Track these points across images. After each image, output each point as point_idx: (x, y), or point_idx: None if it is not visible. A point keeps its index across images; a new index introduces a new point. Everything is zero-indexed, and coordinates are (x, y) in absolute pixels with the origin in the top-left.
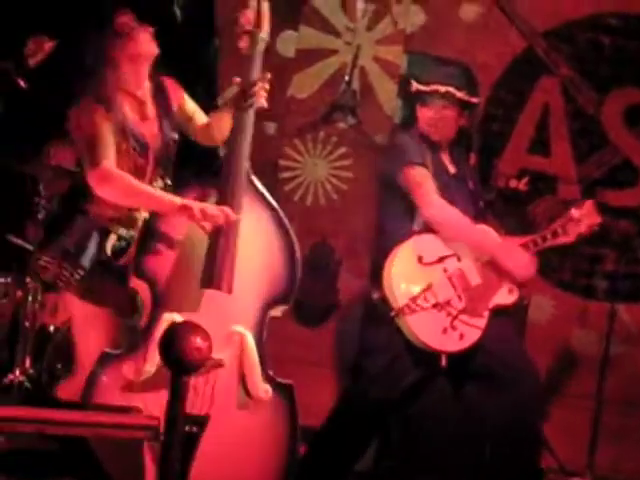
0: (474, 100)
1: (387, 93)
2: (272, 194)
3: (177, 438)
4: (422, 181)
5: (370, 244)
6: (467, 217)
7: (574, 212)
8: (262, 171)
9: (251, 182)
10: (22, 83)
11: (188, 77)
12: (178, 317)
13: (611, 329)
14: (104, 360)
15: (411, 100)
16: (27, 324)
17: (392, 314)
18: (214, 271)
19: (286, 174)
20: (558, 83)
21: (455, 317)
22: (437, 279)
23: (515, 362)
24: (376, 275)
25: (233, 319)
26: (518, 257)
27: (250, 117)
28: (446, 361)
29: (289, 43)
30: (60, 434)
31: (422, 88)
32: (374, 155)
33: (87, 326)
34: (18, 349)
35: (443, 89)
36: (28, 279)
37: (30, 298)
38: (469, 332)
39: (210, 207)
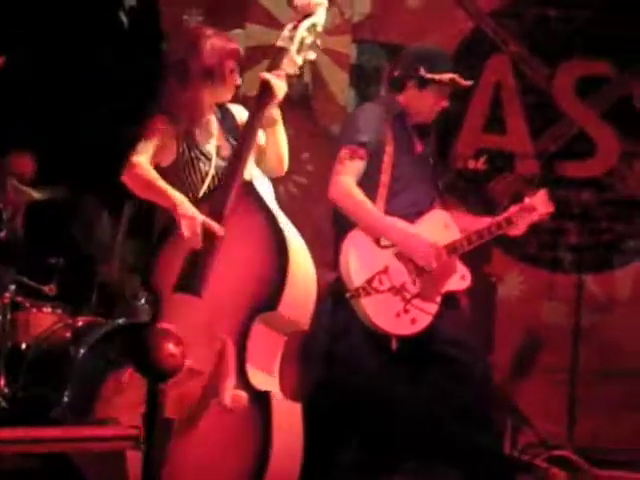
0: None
1: (339, 83)
2: None
3: (158, 444)
4: (344, 161)
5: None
6: (419, 199)
7: (527, 200)
8: None
9: (251, 188)
10: None
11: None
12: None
13: (580, 300)
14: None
15: (365, 83)
16: None
17: (347, 295)
18: (188, 275)
19: None
20: (508, 60)
21: (408, 301)
22: (393, 263)
23: (466, 345)
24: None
25: (216, 324)
26: (419, 248)
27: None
28: (397, 345)
29: (237, 41)
30: (42, 452)
31: (436, 77)
32: (331, 146)
33: None
34: None
35: (453, 78)
36: None
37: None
38: (420, 317)
39: (197, 217)
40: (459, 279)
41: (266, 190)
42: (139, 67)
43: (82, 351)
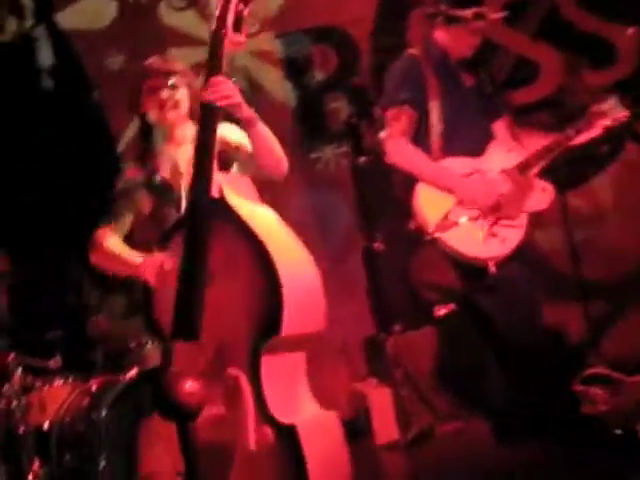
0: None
1: (274, 81)
2: None
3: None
4: (391, 123)
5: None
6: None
7: (595, 108)
8: None
9: (222, 204)
10: None
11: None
12: None
13: (567, 219)
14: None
15: (299, 73)
16: (21, 430)
17: (427, 238)
18: (180, 321)
19: None
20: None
21: (493, 224)
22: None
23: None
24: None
25: (224, 362)
26: (477, 189)
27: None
28: (495, 267)
29: None
30: None
31: (459, 13)
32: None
33: None
34: (23, 457)
35: (478, 12)
36: (5, 387)
37: (14, 403)
38: (510, 234)
39: (152, 262)
40: (540, 194)
41: (244, 189)
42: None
43: (104, 413)
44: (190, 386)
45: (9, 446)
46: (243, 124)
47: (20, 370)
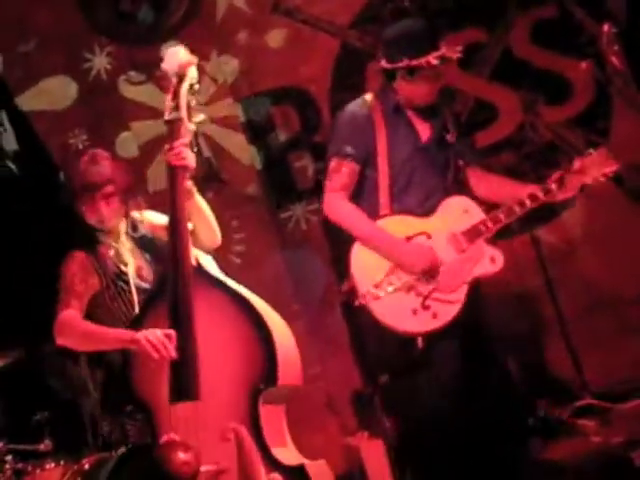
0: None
1: (238, 145)
2: None
3: None
4: (331, 175)
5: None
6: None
7: (576, 163)
8: None
9: (202, 272)
10: None
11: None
12: None
13: (541, 255)
14: None
15: (262, 135)
16: None
17: (356, 303)
18: (178, 382)
19: None
20: None
21: (426, 296)
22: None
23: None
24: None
25: (222, 420)
26: (413, 255)
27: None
28: (423, 343)
29: (128, 143)
30: None
31: (422, 62)
32: (253, 206)
33: None
34: None
35: (440, 56)
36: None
37: None
38: (444, 309)
39: (153, 334)
40: (488, 263)
41: (212, 265)
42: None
43: None
44: (183, 456)
45: None
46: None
47: (11, 457)
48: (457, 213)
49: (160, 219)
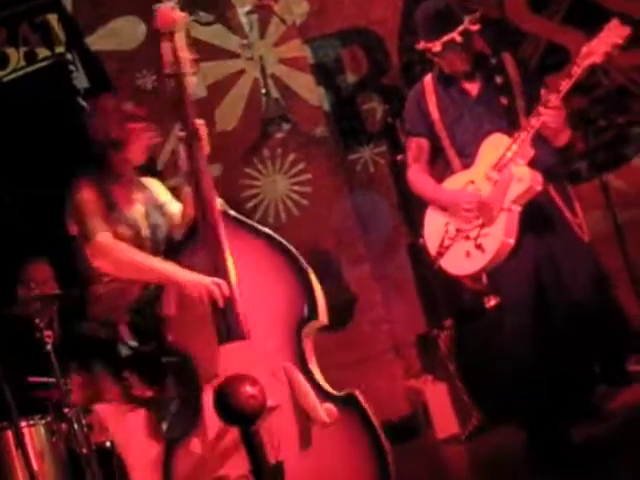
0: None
1: (306, 87)
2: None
3: None
4: (407, 153)
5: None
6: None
7: (584, 49)
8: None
9: (230, 218)
10: None
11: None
12: None
13: (610, 201)
14: (170, 450)
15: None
16: (85, 450)
17: (435, 268)
18: (225, 324)
19: (250, 203)
20: None
21: (477, 237)
22: (450, 217)
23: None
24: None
25: (271, 358)
26: (456, 196)
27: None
28: (487, 279)
29: (197, 84)
30: None
31: (430, 47)
32: (320, 148)
33: (129, 435)
34: (87, 476)
35: (457, 37)
36: (66, 409)
37: (76, 426)
38: (488, 242)
39: (206, 281)
40: (516, 184)
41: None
42: None
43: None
44: (250, 389)
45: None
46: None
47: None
48: (489, 151)
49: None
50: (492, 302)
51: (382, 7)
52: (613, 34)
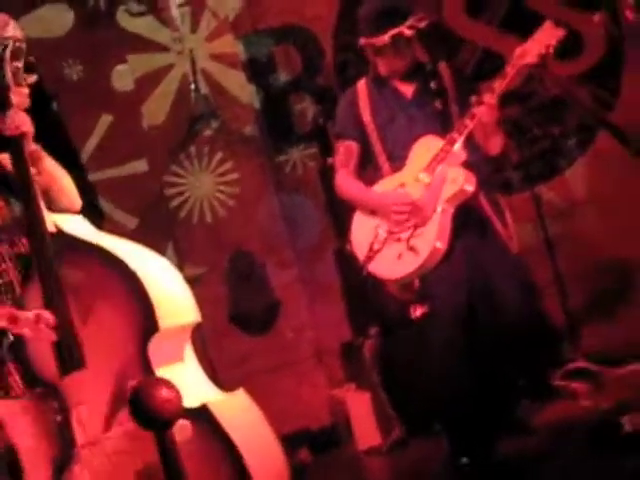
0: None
1: (237, 84)
2: (169, 226)
3: None
4: (336, 157)
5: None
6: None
7: (518, 50)
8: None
9: (66, 237)
10: None
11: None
12: None
13: (541, 213)
14: None
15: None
16: None
17: (364, 274)
18: (63, 357)
19: (175, 201)
20: None
21: (409, 238)
22: (380, 221)
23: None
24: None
25: (119, 377)
26: (384, 198)
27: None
28: (419, 285)
29: (125, 76)
30: None
31: (375, 42)
32: (249, 147)
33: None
34: None
35: (406, 31)
36: None
37: None
38: (421, 244)
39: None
40: (450, 184)
41: (80, 226)
42: None
43: None
44: (167, 393)
45: None
46: (33, 156)
47: None
48: (421, 153)
49: None
50: (418, 312)
51: (318, 4)
52: (547, 35)
